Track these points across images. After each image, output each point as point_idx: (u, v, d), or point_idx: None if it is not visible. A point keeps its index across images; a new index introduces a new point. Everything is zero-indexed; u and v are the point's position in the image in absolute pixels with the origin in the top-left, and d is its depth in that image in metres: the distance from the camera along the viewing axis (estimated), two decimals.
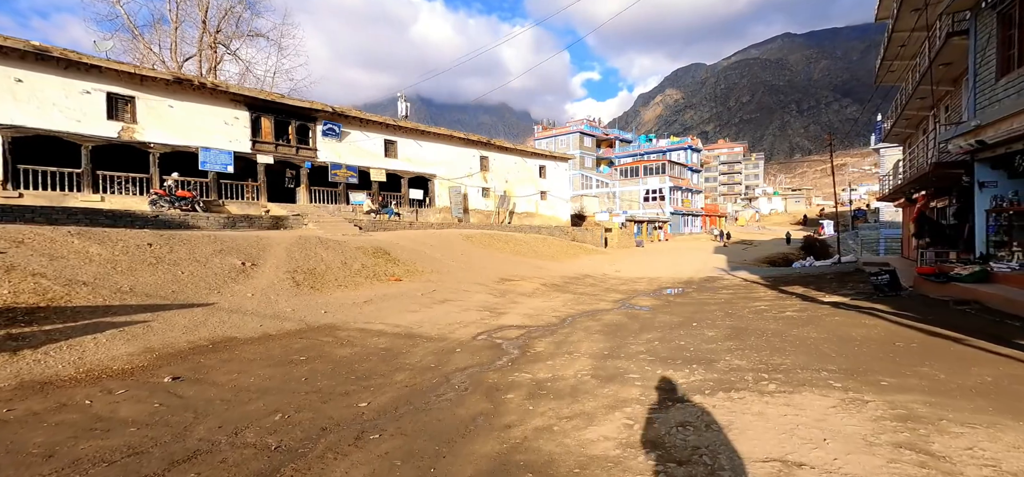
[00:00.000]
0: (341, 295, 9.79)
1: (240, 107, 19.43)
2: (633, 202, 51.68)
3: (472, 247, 20.07)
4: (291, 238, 12.47)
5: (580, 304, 11.43)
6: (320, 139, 21.90)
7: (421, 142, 26.14)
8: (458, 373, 5.58)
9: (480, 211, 29.24)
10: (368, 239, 15.49)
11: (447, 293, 11.66)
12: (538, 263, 20.99)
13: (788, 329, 7.31)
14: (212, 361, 5.65)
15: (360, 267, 11.95)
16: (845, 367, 4.91)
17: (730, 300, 11.78)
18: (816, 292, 12.66)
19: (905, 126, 17.15)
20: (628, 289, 15.09)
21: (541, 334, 7.84)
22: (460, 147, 28.29)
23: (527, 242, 25.43)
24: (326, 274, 10.63)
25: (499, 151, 30.70)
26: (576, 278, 17.48)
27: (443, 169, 27.22)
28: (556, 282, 15.75)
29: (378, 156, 24.20)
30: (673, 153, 58.12)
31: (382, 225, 20.91)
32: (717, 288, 14.99)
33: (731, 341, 6.66)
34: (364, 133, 23.63)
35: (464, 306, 10.34)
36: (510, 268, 17.50)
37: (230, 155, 19.01)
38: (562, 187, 35.48)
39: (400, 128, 24.94)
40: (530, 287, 14.02)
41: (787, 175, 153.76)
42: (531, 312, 10.00)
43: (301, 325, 7.56)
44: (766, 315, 8.97)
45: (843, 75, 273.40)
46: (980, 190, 8.88)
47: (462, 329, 8.18)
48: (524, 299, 11.88)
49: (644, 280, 17.79)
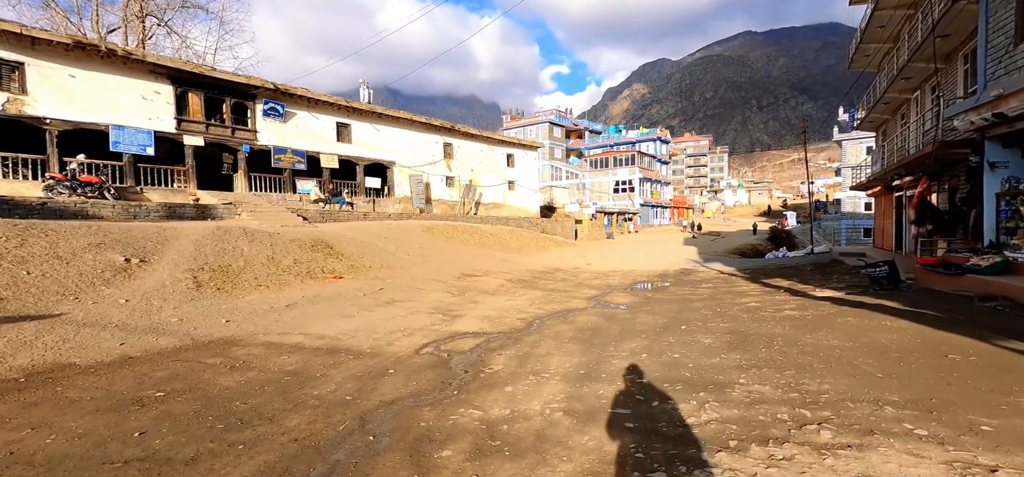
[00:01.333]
0: (258, 298, 7.94)
1: (161, 80, 16.87)
2: (603, 193, 50.96)
3: (432, 239, 18.34)
4: (207, 229, 10.43)
5: (549, 303, 9.99)
6: (261, 120, 19.54)
7: (378, 126, 24.05)
8: (381, 411, 3.99)
9: (444, 201, 27.43)
10: (310, 231, 13.54)
11: (396, 292, 9.98)
12: (505, 256, 19.49)
13: (798, 334, 6.08)
14: (9, 405, 3.82)
15: (291, 263, 10.07)
16: (910, 397, 3.62)
17: (714, 295, 10.63)
18: (802, 285, 11.72)
19: (883, 111, 16.62)
20: (602, 284, 13.80)
21: (502, 344, 6.33)
22: (422, 133, 26.34)
23: (494, 234, 23.88)
24: (243, 272, 8.73)
25: (464, 138, 28.92)
26: (545, 272, 16.08)
27: (403, 156, 25.23)
28: (523, 277, 14.28)
29: (329, 140, 21.98)
30: (643, 144, 57.80)
31: (332, 216, 18.85)
32: (695, 282, 13.92)
33: (736, 352, 5.34)
34: (313, 114, 21.35)
35: (414, 308, 8.70)
36: (473, 262, 15.91)
37: (149, 135, 16.48)
38: (531, 177, 34.07)
39: (354, 110, 22.77)
40: (494, 283, 12.48)
41: (749, 169, 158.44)
42: (493, 314, 8.47)
43: (184, 341, 5.74)
44: (762, 314, 7.77)
45: (800, 73, 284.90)
46: (991, 171, 8.01)
47: (405, 339, 6.56)
48: (486, 298, 10.34)
49: (618, 274, 16.60)
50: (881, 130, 18.89)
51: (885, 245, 18.13)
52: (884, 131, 18.44)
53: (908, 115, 14.67)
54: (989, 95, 7.08)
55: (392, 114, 24.49)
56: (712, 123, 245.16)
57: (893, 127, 16.86)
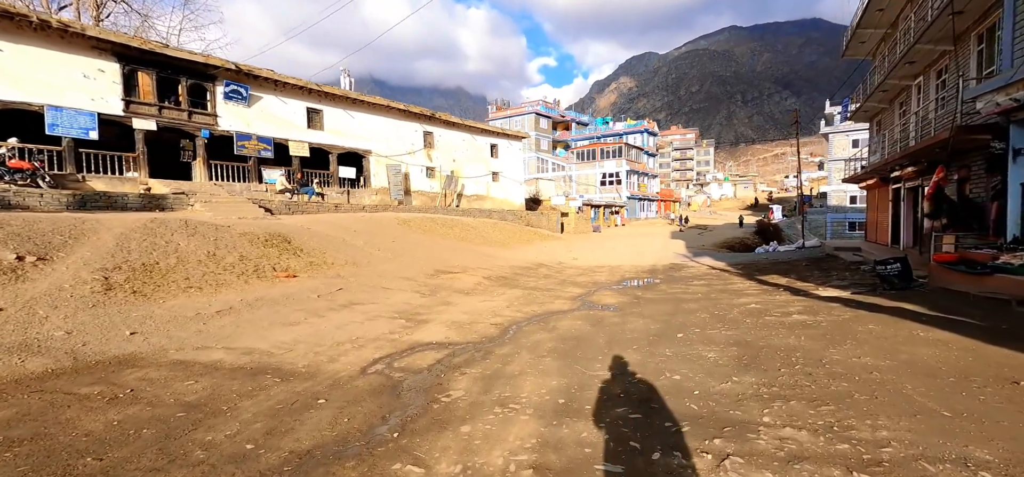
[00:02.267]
0: (184, 303, 6.75)
1: (106, 56, 15.29)
2: (590, 186, 50.14)
3: (408, 233, 17.17)
4: (139, 221, 9.12)
5: (530, 304, 8.98)
6: (222, 103, 18.04)
7: (353, 113, 22.66)
8: (287, 471, 2.91)
9: (424, 193, 26.19)
10: (268, 224, 12.28)
11: (358, 292, 8.85)
12: (486, 251, 18.43)
13: (818, 346, 5.15)
14: None
15: (236, 260, 8.85)
16: (1006, 453, 2.67)
17: (709, 295, 9.74)
18: (802, 283, 10.92)
19: (880, 100, 15.93)
20: (588, 281, 12.84)
21: (468, 359, 5.29)
22: (400, 120, 25.00)
23: (475, 227, 22.78)
24: (172, 272, 7.50)
25: (445, 126, 27.65)
26: (528, 268, 15.07)
27: (380, 145, 23.89)
28: (504, 274, 13.25)
29: (299, 127, 20.55)
30: (630, 136, 57.07)
31: (299, 207, 17.53)
32: (687, 278, 13.06)
33: (750, 373, 4.38)
34: (280, 98, 19.89)
35: (374, 311, 7.60)
36: (451, 257, 14.81)
37: (92, 117, 14.93)
38: (516, 168, 32.97)
39: (326, 95, 21.33)
40: (471, 281, 11.42)
41: (734, 163, 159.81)
42: (464, 319, 7.42)
43: (61, 362, 4.56)
44: (767, 319, 6.86)
45: (783, 68, 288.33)
46: (1014, 161, 7.21)
47: (353, 353, 5.48)
48: (460, 299, 9.27)
49: (604, 269, 15.68)
50: (876, 120, 18.25)
51: (879, 239, 17.54)
52: (880, 121, 17.79)
53: (908, 103, 13.97)
54: (1021, 72, 6.24)
55: (368, 100, 23.10)
56: (698, 117, 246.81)
57: (890, 117, 16.19)
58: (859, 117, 18.89)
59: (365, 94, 23.20)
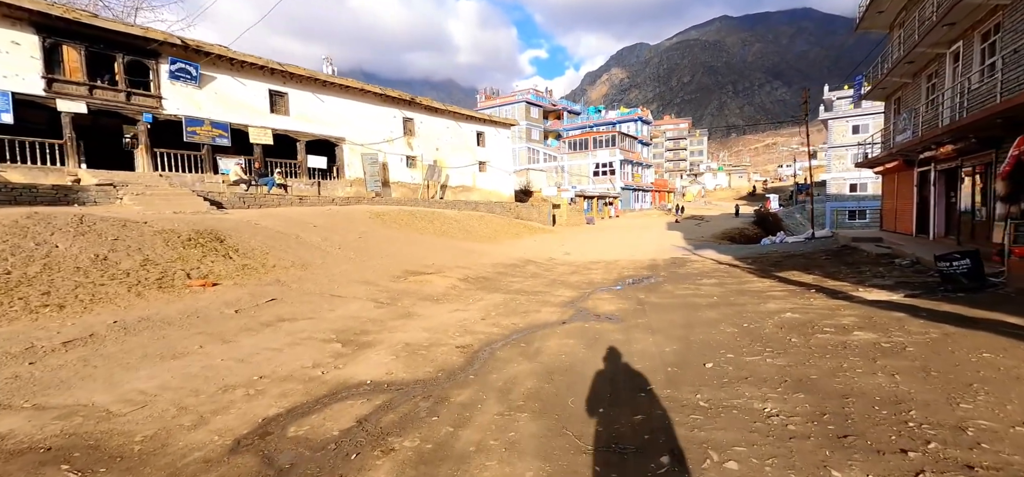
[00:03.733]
0: (22, 328, 4.89)
1: (21, 27, 13.17)
2: (583, 177, 48.42)
3: (380, 228, 15.33)
4: (9, 218, 7.19)
5: (511, 314, 7.23)
6: (167, 84, 15.96)
7: (323, 96, 20.63)
8: None
9: (404, 184, 24.27)
10: (202, 221, 10.38)
11: (296, 304, 7.04)
12: (470, 247, 16.64)
13: (933, 395, 3.44)
14: None
15: (136, 266, 6.97)
16: None
17: (727, 298, 8.05)
18: (833, 281, 9.28)
19: (904, 73, 14.31)
20: (581, 280, 11.12)
21: (407, 416, 3.53)
22: (376, 105, 22.98)
23: (460, 221, 20.97)
24: (26, 283, 5.62)
25: (427, 112, 25.68)
26: (514, 266, 13.31)
27: (354, 131, 21.90)
28: (485, 274, 11.48)
29: (260, 111, 18.51)
30: (623, 125, 55.35)
31: (256, 200, 15.58)
32: (693, 275, 11.39)
33: (856, 461, 2.64)
34: (237, 79, 17.83)
35: (305, 332, 5.80)
36: (427, 255, 13.01)
37: (5, 98, 12.84)
38: (504, 158, 31.10)
39: (290, 76, 19.28)
40: (443, 284, 9.63)
41: (726, 153, 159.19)
42: (422, 339, 5.65)
43: None
44: (821, 338, 5.17)
45: (774, 58, 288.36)
46: None
47: (240, 406, 3.70)
48: (425, 308, 7.50)
49: (600, 265, 13.97)
50: (894, 98, 16.65)
51: (899, 228, 15.99)
52: (900, 99, 16.19)
53: (942, 74, 12.35)
54: None
55: (339, 82, 21.05)
56: (689, 108, 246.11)
57: (914, 93, 14.58)
58: (875, 95, 17.28)
59: (336, 76, 21.15)
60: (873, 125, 40.71)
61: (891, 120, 16.92)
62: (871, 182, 41.04)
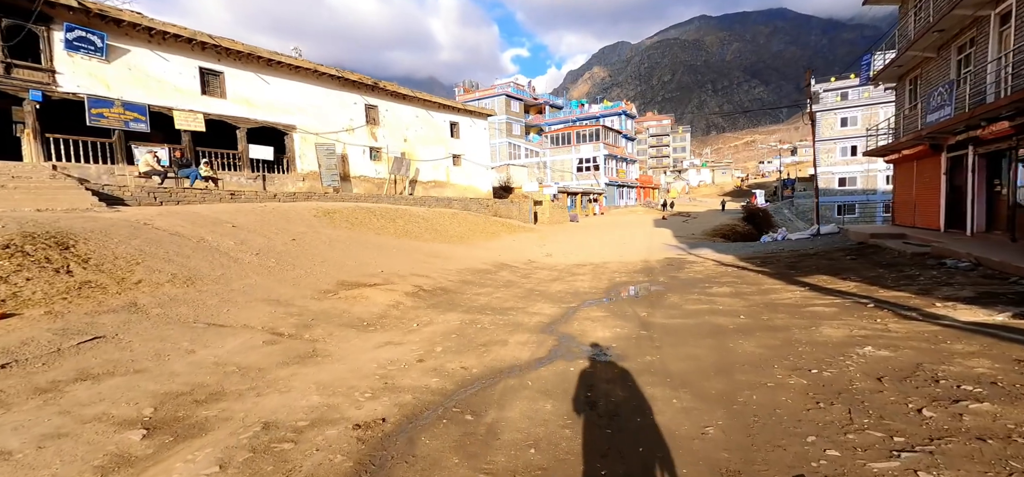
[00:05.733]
0: None
1: None
2: (566, 172, 46.39)
3: (326, 229, 12.84)
4: None
5: (466, 348, 4.94)
6: (63, 56, 13.14)
7: (267, 77, 17.95)
8: None
9: (368, 179, 21.71)
10: (57, 221, 7.80)
11: (134, 343, 4.63)
12: (436, 249, 14.29)
13: None
14: None
15: None
16: None
17: (757, 317, 5.90)
18: (882, 290, 7.26)
19: (928, 46, 12.52)
20: (565, 289, 8.90)
21: None
22: (334, 90, 20.37)
23: (429, 219, 18.57)
24: None
25: (393, 99, 23.14)
26: (486, 271, 11.02)
27: (308, 119, 19.27)
28: (446, 283, 9.15)
29: (189, 92, 15.76)
30: (607, 119, 53.50)
31: (174, 196, 12.90)
32: (699, 281, 9.28)
33: None
34: (158, 53, 15.06)
35: (96, 403, 3.40)
36: (379, 260, 10.62)
37: None
38: (481, 151, 28.73)
39: (227, 51, 16.54)
40: (384, 301, 7.28)
41: (708, 150, 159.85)
42: (301, 410, 3.31)
43: None
44: (970, 408, 3.02)
45: (751, 57, 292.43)
46: None
47: None
48: (341, 342, 5.15)
49: (587, 269, 11.80)
50: (910, 78, 14.92)
51: (921, 222, 14.23)
52: (917, 78, 14.44)
53: (982, 41, 10.53)
54: None
55: (287, 61, 18.37)
56: (670, 106, 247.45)
57: (939, 69, 12.80)
58: (887, 76, 15.52)
59: (283, 54, 18.46)
60: (862, 118, 39.68)
61: (907, 103, 15.17)
62: (860, 175, 40.03)
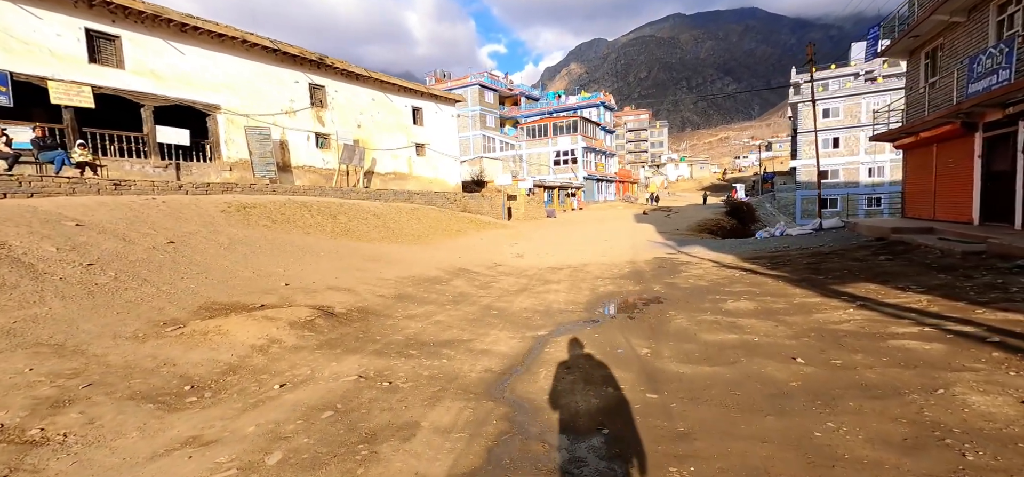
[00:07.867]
0: None
1: None
2: (542, 166, 44.14)
3: (231, 229, 10.10)
4: None
5: (318, 463, 2.43)
6: None
7: (182, 45, 14.92)
8: None
9: (314, 170, 18.87)
10: None
11: None
12: (380, 252, 11.72)
13: None
14: None
15: None
16: None
17: (826, 360, 3.61)
18: (962, 304, 5.12)
19: (956, 9, 10.69)
20: (533, 306, 6.49)
21: None
22: (270, 64, 17.42)
23: (382, 215, 15.94)
24: None
25: (345, 78, 20.30)
26: (435, 280, 8.53)
27: (237, 98, 16.31)
28: (370, 301, 6.62)
29: (73, 60, 12.69)
30: (585, 110, 51.50)
31: (28, 186, 9.90)
32: (703, 290, 7.02)
33: None
34: (27, 9, 11.95)
35: None
36: (291, 268, 8.01)
37: None
38: (449, 140, 26.11)
39: (124, 10, 13.47)
40: (251, 337, 4.72)
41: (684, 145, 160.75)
42: None
43: None
44: None
45: (724, 55, 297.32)
46: None
47: None
48: (82, 451, 2.58)
49: (564, 273, 9.45)
50: (927, 50, 13.15)
51: (944, 214, 12.44)
52: (937, 49, 12.65)
53: (1008, 6, 8.66)
54: None
55: (209, 28, 15.34)
56: (647, 103, 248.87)
57: (970, 35, 10.99)
58: (899, 49, 13.72)
59: (203, 18, 15.42)
60: (844, 109, 38.75)
61: (923, 79, 13.37)
62: (843, 168, 39.13)
